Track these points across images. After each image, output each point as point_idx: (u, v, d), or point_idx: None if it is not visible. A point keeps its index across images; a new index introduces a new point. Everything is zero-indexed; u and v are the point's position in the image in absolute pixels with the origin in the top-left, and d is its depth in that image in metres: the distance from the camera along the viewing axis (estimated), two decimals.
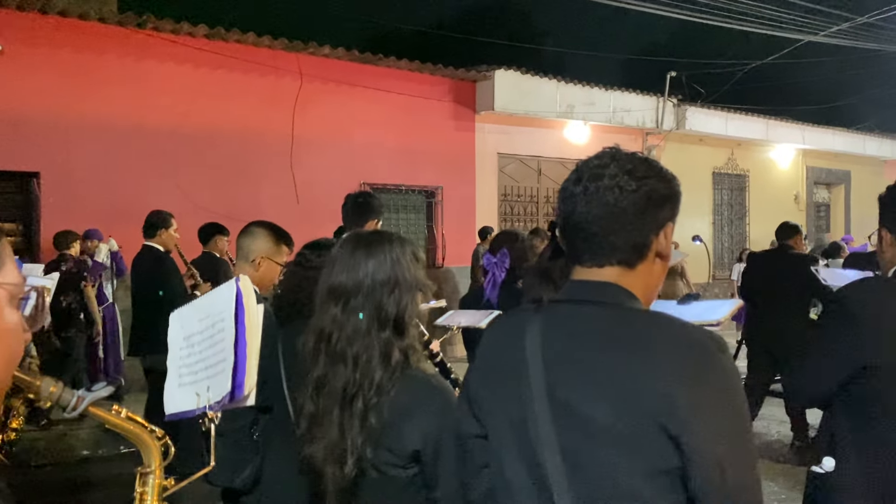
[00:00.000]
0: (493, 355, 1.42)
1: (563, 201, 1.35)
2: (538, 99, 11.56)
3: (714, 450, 1.17)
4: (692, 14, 13.78)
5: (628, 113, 13.06)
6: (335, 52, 9.64)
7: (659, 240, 1.34)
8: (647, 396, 1.18)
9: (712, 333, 1.26)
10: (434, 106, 10.88)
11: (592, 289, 1.33)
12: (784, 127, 15.98)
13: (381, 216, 4.12)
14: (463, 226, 10.86)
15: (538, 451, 1.26)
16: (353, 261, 1.75)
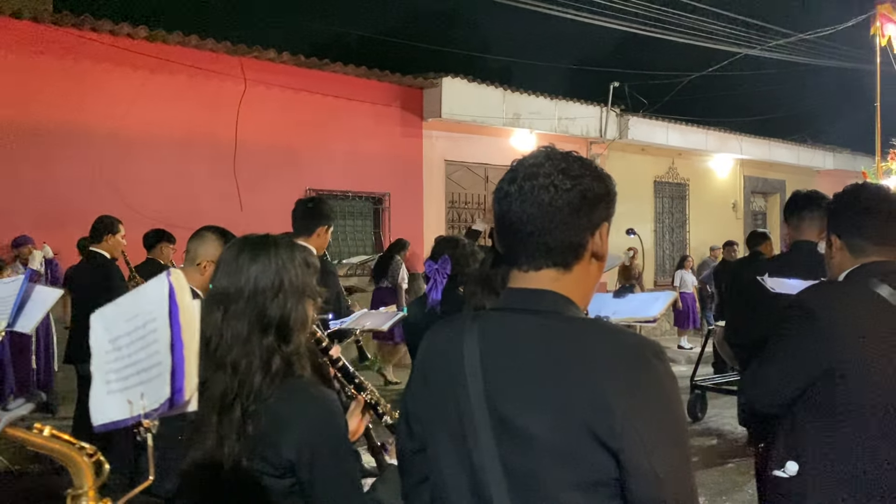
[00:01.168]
0: (431, 367, 1.39)
1: (499, 201, 1.33)
2: (485, 107, 11.64)
3: (651, 460, 1.16)
4: (635, 26, 14.10)
5: (573, 122, 13.25)
6: (280, 57, 9.53)
7: (595, 240, 1.32)
8: (583, 407, 1.17)
9: (648, 339, 1.26)
10: (381, 112, 10.85)
11: (530, 297, 1.31)
12: (723, 137, 16.43)
13: (331, 222, 4.08)
14: (410, 233, 10.84)
15: (478, 465, 1.24)
16: (236, 265, 1.71)
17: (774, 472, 2.14)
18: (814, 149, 19.05)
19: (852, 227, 2.21)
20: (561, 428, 1.17)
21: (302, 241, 3.83)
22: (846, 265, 2.22)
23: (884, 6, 11.49)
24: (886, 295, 2.05)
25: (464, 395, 1.26)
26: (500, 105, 11.92)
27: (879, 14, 11.53)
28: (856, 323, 2.07)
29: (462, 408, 1.26)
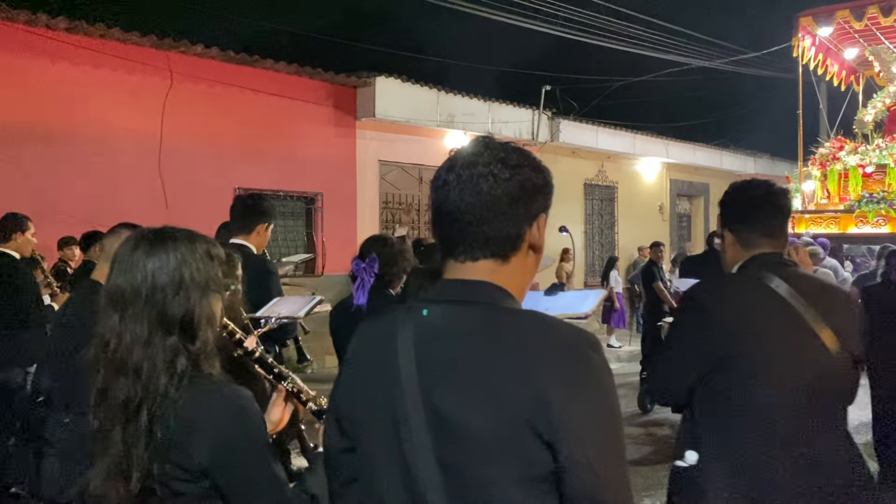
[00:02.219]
0: (362, 362, 1.35)
1: (436, 190, 1.31)
2: (419, 107, 11.64)
3: (586, 452, 1.15)
4: (567, 31, 14.35)
5: (506, 124, 13.38)
6: (208, 52, 9.31)
7: (532, 231, 1.31)
8: (520, 400, 1.15)
9: (584, 332, 1.24)
10: (313, 110, 10.73)
11: (466, 288, 1.29)
12: (650, 141, 16.87)
13: (272, 220, 3.99)
14: (344, 233, 10.75)
15: (412, 462, 1.21)
16: (131, 261, 1.63)
17: (676, 462, 2.19)
18: (736, 153, 19.75)
19: (741, 221, 2.29)
20: (497, 421, 1.15)
21: (241, 239, 3.83)
22: (738, 258, 2.28)
23: (805, 19, 11.90)
24: (775, 286, 2.11)
25: (397, 390, 1.23)
26: (434, 106, 11.93)
27: (801, 26, 11.94)
28: (744, 315, 2.13)
29: (395, 404, 1.23)
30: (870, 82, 13.46)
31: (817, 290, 2.14)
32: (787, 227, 2.29)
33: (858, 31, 12.08)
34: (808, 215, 11.77)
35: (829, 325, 2.05)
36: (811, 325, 2.05)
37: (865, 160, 11.08)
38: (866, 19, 11.11)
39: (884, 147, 11.07)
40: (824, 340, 2.03)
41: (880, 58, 12.43)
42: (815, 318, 2.05)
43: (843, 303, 2.19)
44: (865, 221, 10.73)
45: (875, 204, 10.68)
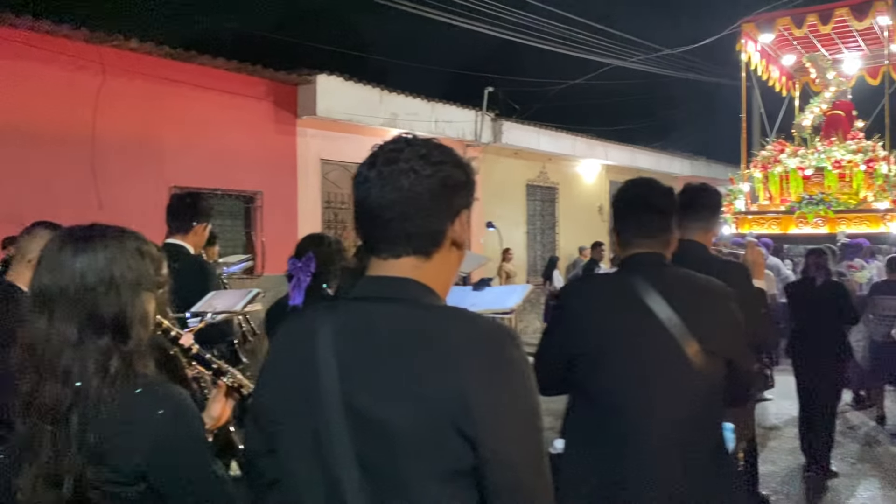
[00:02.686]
0: (283, 361, 1.34)
1: (357, 186, 1.30)
2: (362, 106, 11.56)
3: (507, 447, 1.16)
4: (510, 34, 14.48)
5: (450, 125, 13.42)
6: (143, 47, 9.06)
7: (454, 227, 1.31)
8: (440, 396, 1.15)
9: (504, 327, 1.26)
10: (252, 108, 10.55)
11: (388, 285, 1.28)
12: (590, 144, 17.17)
13: (209, 219, 3.92)
14: (284, 233, 10.59)
15: (332, 461, 1.20)
16: (58, 261, 1.57)
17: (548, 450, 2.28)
18: (672, 156, 20.25)
19: (620, 223, 2.34)
20: (418, 418, 1.15)
21: (178, 239, 3.77)
22: (621, 258, 2.35)
23: (748, 25, 12.30)
24: (638, 286, 2.15)
25: (316, 389, 1.22)
26: (377, 105, 11.88)
27: (744, 32, 12.33)
28: (596, 314, 2.20)
29: (314, 404, 1.22)
30: (806, 88, 13.98)
31: (686, 290, 2.15)
32: (667, 225, 2.26)
33: (797, 39, 12.54)
34: (751, 216, 12.17)
35: (691, 325, 2.05)
36: (667, 325, 2.05)
37: (805, 163, 11.51)
38: (806, 27, 11.56)
39: (822, 150, 11.52)
40: (680, 341, 2.03)
41: (817, 65, 12.93)
42: (672, 318, 2.06)
43: (716, 304, 2.16)
44: (805, 222, 11.18)
45: (814, 205, 11.15)
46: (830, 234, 10.79)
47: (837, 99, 12.65)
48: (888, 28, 11.57)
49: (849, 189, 11.27)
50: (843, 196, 11.28)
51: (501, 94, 14.69)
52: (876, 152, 11.35)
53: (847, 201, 11.24)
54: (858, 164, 11.23)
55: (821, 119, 12.53)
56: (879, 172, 11.19)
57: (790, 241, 10.92)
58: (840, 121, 12.29)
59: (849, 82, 13.16)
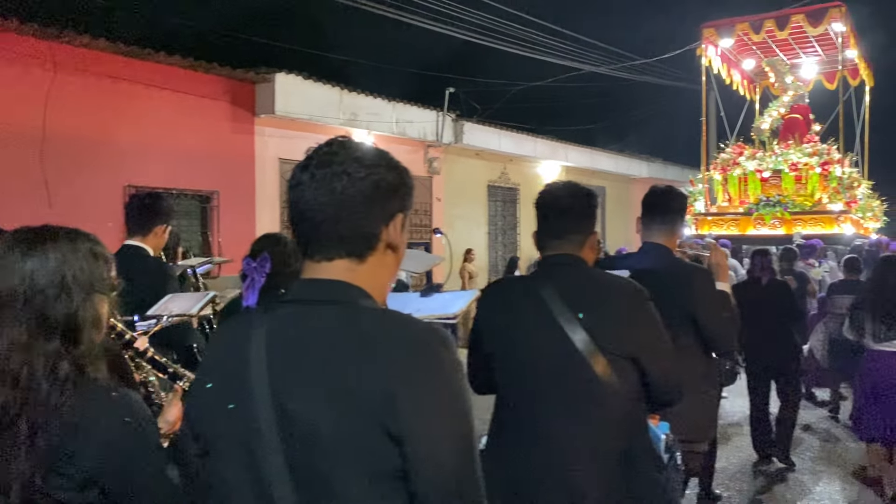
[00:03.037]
0: (216, 364, 1.34)
1: (291, 189, 1.30)
2: (321, 105, 11.46)
3: (434, 448, 1.16)
4: (472, 35, 14.47)
5: (411, 125, 13.36)
6: (96, 43, 8.82)
7: (389, 230, 1.31)
8: (369, 398, 1.15)
9: (437, 329, 1.25)
10: (209, 106, 10.36)
11: (321, 287, 1.28)
12: (551, 145, 17.30)
13: (170, 220, 3.87)
14: (241, 233, 10.39)
15: (262, 465, 1.20)
16: (7, 263, 1.54)
17: None
18: (630, 158, 20.52)
19: (537, 225, 2.38)
20: (347, 420, 1.15)
21: (137, 240, 3.71)
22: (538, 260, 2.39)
23: (708, 30, 12.55)
24: (539, 287, 2.17)
25: (247, 392, 1.22)
26: (336, 104, 11.78)
27: (704, 37, 12.58)
28: (499, 315, 2.26)
29: (246, 406, 1.22)
30: (766, 92, 14.34)
31: (592, 291, 2.16)
32: (577, 227, 2.27)
33: (756, 44, 12.87)
34: (711, 217, 12.43)
35: (592, 326, 2.06)
36: (566, 327, 2.07)
37: (763, 166, 11.79)
38: (764, 32, 11.88)
39: (779, 153, 11.82)
40: (578, 343, 2.05)
41: (776, 69, 13.25)
42: (569, 317, 2.07)
43: (623, 303, 2.15)
44: (763, 223, 11.48)
45: (771, 207, 11.43)
46: (787, 235, 11.02)
47: (795, 103, 12.94)
48: (842, 35, 11.92)
49: (804, 191, 11.55)
50: (799, 198, 11.55)
51: (463, 94, 14.71)
52: (831, 155, 11.65)
53: (803, 203, 11.51)
54: (814, 166, 11.52)
55: (779, 122, 12.81)
56: (834, 175, 11.47)
57: (748, 241, 11.11)
58: (797, 124, 12.56)
59: (807, 87, 13.51)
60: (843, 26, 11.69)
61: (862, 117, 13.59)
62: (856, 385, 5.31)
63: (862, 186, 12.50)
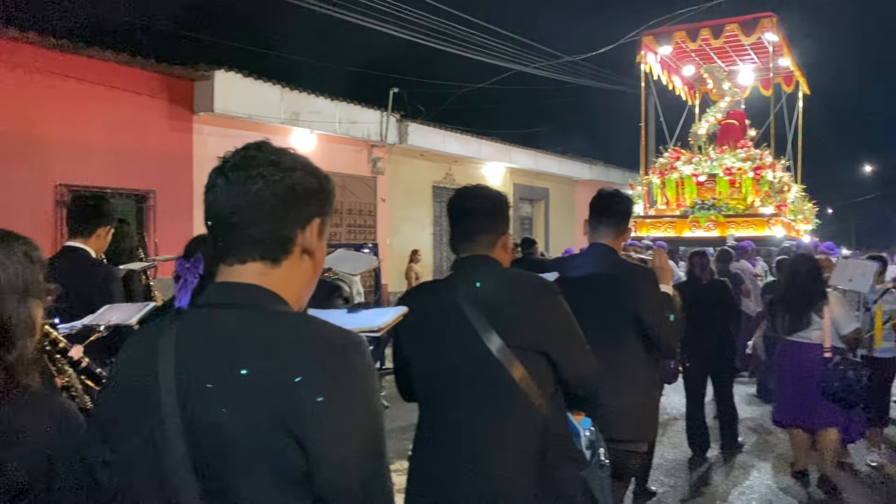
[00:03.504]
0: (125, 369, 1.31)
1: (206, 192, 1.28)
2: (262, 104, 11.28)
3: (342, 453, 1.15)
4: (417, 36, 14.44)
5: (354, 125, 13.26)
6: (25, 37, 8.49)
7: (305, 235, 1.30)
8: (277, 402, 1.13)
9: (351, 334, 1.24)
10: (146, 103, 10.09)
11: (233, 291, 1.26)
12: (495, 147, 17.39)
13: (114, 223, 3.84)
14: (179, 234, 10.10)
15: (169, 469, 1.18)
16: None
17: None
18: (574, 160, 20.79)
19: (450, 228, 2.38)
20: (255, 424, 1.14)
21: (79, 242, 3.66)
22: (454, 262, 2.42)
23: (648, 38, 12.87)
24: (453, 288, 2.18)
25: (155, 398, 1.20)
26: (278, 103, 11.61)
27: (644, 44, 12.88)
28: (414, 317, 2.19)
29: (152, 411, 1.20)
30: (706, 97, 14.76)
31: (497, 290, 2.16)
32: (486, 227, 2.28)
33: (695, 51, 13.22)
34: (650, 220, 12.72)
35: (500, 323, 2.08)
36: (476, 327, 2.08)
37: (699, 170, 12.14)
38: (700, 40, 12.23)
39: (714, 158, 12.19)
40: (488, 341, 2.06)
41: (713, 76, 13.70)
42: (482, 319, 2.09)
43: (533, 300, 2.16)
44: (698, 226, 11.82)
45: (706, 210, 11.78)
46: (721, 237, 11.43)
47: (732, 109, 13.34)
48: (775, 44, 12.28)
49: (738, 195, 11.83)
50: (733, 201, 11.87)
51: (408, 95, 14.67)
52: (763, 160, 12.01)
53: (736, 206, 11.82)
54: (747, 171, 11.83)
55: (716, 128, 13.21)
56: (765, 179, 11.82)
57: (684, 243, 11.42)
58: (733, 130, 12.97)
59: (743, 93, 13.91)
60: (775, 36, 12.07)
61: (795, 123, 14.06)
62: (775, 375, 5.66)
63: (793, 190, 12.93)
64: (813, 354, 5.14)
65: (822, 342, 5.15)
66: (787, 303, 5.37)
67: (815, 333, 5.20)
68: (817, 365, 5.08)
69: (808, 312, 5.20)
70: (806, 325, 5.21)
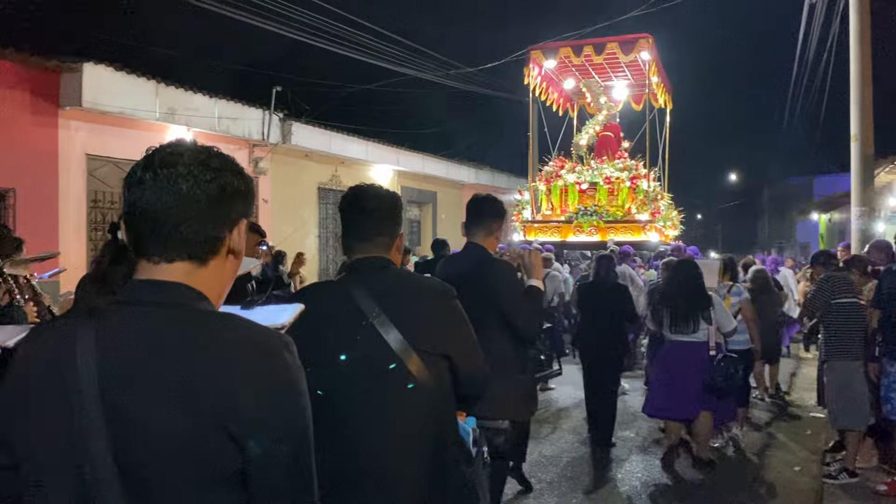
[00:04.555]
0: (34, 367, 1.24)
1: (131, 188, 1.25)
2: (136, 99, 10.70)
3: (278, 449, 1.18)
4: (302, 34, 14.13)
5: (234, 123, 12.84)
6: None
7: (233, 235, 1.32)
8: (211, 400, 1.14)
9: (280, 334, 1.27)
10: (6, 96, 9.34)
11: (157, 289, 1.25)
12: (382, 149, 17.31)
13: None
14: (42, 234, 9.49)
15: (91, 468, 1.15)
16: None
17: None
18: (461, 165, 21.02)
19: (342, 229, 2.37)
20: (187, 423, 1.14)
21: None
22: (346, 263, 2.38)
23: (536, 52, 13.43)
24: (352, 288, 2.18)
25: (75, 395, 1.16)
26: (153, 98, 11.06)
27: (532, 59, 13.44)
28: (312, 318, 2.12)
29: (74, 412, 1.16)
30: (583, 110, 15.70)
31: (397, 292, 2.19)
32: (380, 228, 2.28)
33: (576, 66, 13.98)
34: (537, 225, 13.34)
35: (401, 324, 2.09)
36: (376, 326, 2.10)
37: (581, 178, 12.90)
38: (583, 56, 12.99)
39: (595, 168, 12.96)
40: (388, 341, 2.07)
41: (591, 90, 14.55)
42: (382, 319, 2.10)
43: (430, 303, 2.20)
44: (581, 231, 12.57)
45: (588, 216, 12.53)
46: (602, 241, 12.12)
47: (608, 122, 14.21)
48: (648, 63, 13.09)
49: (616, 202, 12.60)
50: (612, 208, 12.59)
51: (292, 94, 14.34)
52: (638, 170, 12.83)
53: (615, 213, 12.54)
54: (624, 180, 12.62)
55: (594, 139, 13.97)
56: (641, 188, 12.62)
57: (568, 247, 12.20)
58: (609, 141, 13.82)
59: (617, 107, 14.79)
60: (649, 55, 12.87)
61: (664, 137, 15.01)
62: (651, 370, 6.24)
63: (664, 199, 13.79)
64: (698, 352, 5.75)
65: (705, 341, 5.78)
66: (674, 305, 5.86)
67: (700, 333, 5.78)
68: (702, 361, 5.72)
69: (695, 315, 5.76)
70: (693, 327, 5.76)
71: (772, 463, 6.11)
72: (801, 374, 10.19)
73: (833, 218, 26.10)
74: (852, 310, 5.48)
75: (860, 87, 10.21)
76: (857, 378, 5.41)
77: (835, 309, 5.53)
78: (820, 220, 29.74)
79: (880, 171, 14.67)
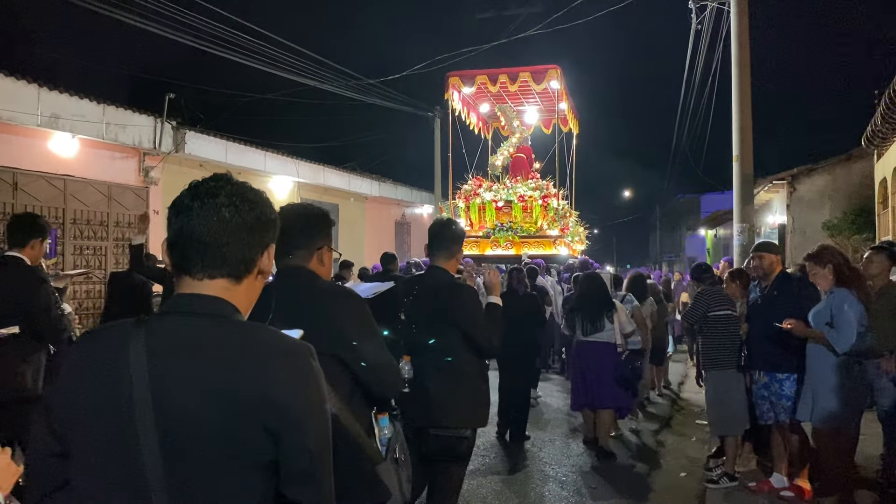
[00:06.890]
0: (88, 367, 1.37)
1: (178, 214, 1.43)
2: (15, 103, 9.81)
3: (307, 440, 1.34)
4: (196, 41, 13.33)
5: (123, 130, 11.97)
6: None
7: (263, 258, 1.50)
8: (251, 396, 1.30)
9: (304, 343, 1.43)
10: None
11: (200, 301, 1.42)
12: (281, 160, 16.68)
13: (46, 235, 4.20)
14: None
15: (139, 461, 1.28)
16: None
17: None
18: (363, 177, 20.62)
19: None
20: (230, 418, 1.29)
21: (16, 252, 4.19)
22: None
23: (454, 78, 14.11)
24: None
25: (127, 393, 1.30)
26: (34, 103, 10.13)
27: (450, 84, 14.10)
28: None
29: (123, 407, 1.30)
30: (497, 133, 16.59)
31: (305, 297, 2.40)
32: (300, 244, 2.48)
33: (491, 93, 14.87)
34: None
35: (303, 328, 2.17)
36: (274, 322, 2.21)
37: (498, 196, 13.73)
38: (498, 84, 13.91)
39: (510, 187, 13.82)
40: None
41: (506, 114, 15.46)
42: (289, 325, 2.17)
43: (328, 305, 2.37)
44: (498, 245, 13.42)
45: (505, 232, 13.40)
46: (517, 255, 12.86)
47: (521, 144, 15.02)
48: (557, 91, 14.12)
49: (530, 219, 13.36)
50: (526, 224, 13.36)
51: (186, 102, 13.53)
52: (549, 190, 13.54)
53: (528, 229, 13.31)
54: (537, 198, 13.38)
55: (508, 160, 14.77)
56: (552, 206, 13.39)
57: (487, 260, 12.80)
58: (522, 163, 14.70)
59: (528, 130, 15.63)
60: (558, 85, 13.81)
61: (571, 158, 15.92)
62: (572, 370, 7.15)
63: (572, 216, 14.64)
64: (607, 350, 6.65)
65: (612, 340, 6.70)
66: (585, 311, 6.76)
67: (606, 334, 6.69)
68: (611, 357, 6.64)
69: (602, 318, 6.67)
70: (601, 329, 6.68)
71: (664, 467, 6.55)
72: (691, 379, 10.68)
73: (719, 233, 27.47)
74: (728, 322, 5.71)
75: (740, 110, 10.79)
76: (733, 386, 5.66)
77: (711, 321, 5.78)
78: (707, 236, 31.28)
79: (760, 189, 15.62)
